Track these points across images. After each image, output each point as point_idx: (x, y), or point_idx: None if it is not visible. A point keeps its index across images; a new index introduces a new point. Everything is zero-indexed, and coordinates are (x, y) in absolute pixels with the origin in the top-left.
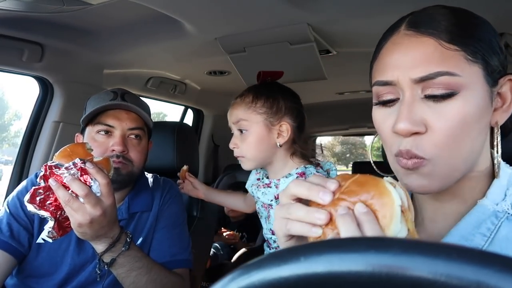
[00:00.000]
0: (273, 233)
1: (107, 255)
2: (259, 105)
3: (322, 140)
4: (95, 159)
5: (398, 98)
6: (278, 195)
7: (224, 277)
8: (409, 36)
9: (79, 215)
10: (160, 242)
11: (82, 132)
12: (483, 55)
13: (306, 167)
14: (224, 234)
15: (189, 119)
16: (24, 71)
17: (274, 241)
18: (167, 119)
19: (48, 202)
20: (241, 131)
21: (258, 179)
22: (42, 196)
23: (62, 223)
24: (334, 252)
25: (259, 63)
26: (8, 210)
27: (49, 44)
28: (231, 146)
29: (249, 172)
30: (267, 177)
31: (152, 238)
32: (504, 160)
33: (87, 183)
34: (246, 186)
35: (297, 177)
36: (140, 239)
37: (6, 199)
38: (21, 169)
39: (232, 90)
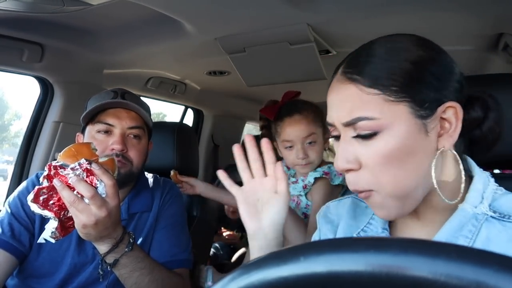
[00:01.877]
0: (305, 216)
1: (110, 256)
2: (318, 119)
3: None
4: (100, 160)
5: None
6: (305, 185)
7: (224, 277)
8: (339, 82)
9: (84, 216)
10: (160, 242)
11: (83, 131)
12: (407, 93)
13: (329, 167)
14: (224, 234)
15: (189, 119)
16: (24, 71)
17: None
18: (167, 119)
19: (51, 202)
20: (309, 143)
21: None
22: (46, 196)
23: (65, 223)
24: (334, 252)
25: (259, 63)
26: (9, 210)
27: (49, 44)
28: (302, 156)
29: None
30: (293, 176)
31: (152, 238)
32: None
33: (93, 184)
34: None
35: (322, 174)
36: (140, 239)
37: (7, 200)
38: (21, 169)
39: (232, 90)
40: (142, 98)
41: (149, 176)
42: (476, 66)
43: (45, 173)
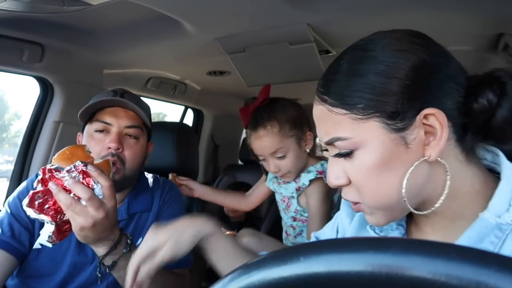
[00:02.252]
0: (294, 219)
1: (108, 258)
2: (287, 129)
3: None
4: (95, 162)
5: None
6: (299, 187)
7: (224, 277)
8: (315, 101)
9: (82, 218)
10: None
11: (83, 131)
12: (374, 108)
13: (322, 164)
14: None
15: (189, 119)
16: (24, 71)
17: (294, 228)
18: (167, 119)
19: (46, 206)
20: (279, 157)
21: (276, 177)
22: (41, 200)
23: (61, 227)
24: (334, 252)
25: (259, 63)
26: (9, 211)
27: (49, 44)
28: (274, 171)
29: (249, 171)
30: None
31: None
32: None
33: (90, 185)
34: (267, 184)
35: (317, 174)
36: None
37: (7, 200)
38: (21, 169)
39: (232, 90)
40: (142, 98)
41: (149, 176)
42: (476, 66)
43: (40, 177)
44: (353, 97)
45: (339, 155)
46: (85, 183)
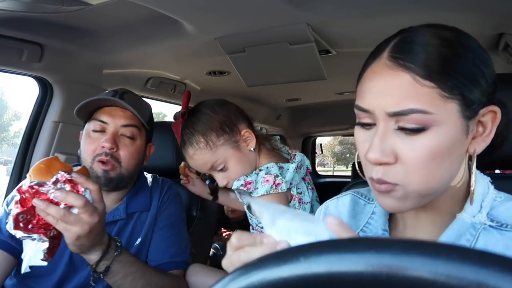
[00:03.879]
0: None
1: (102, 264)
2: (214, 139)
3: (322, 140)
4: (74, 170)
5: (375, 124)
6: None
7: (224, 277)
8: (388, 67)
9: (78, 227)
10: (158, 243)
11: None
12: (461, 90)
13: (268, 167)
14: (224, 234)
15: None
16: (24, 71)
17: (257, 224)
18: (167, 119)
19: (30, 226)
20: (220, 169)
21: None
22: (25, 221)
23: (51, 243)
24: (334, 252)
25: (258, 63)
26: (7, 210)
27: (49, 44)
28: (223, 184)
29: None
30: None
31: (151, 239)
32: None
33: (80, 192)
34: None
35: (239, 186)
36: (139, 240)
37: (5, 199)
38: (20, 169)
39: (232, 90)
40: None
41: (148, 176)
42: None
43: (17, 198)
44: (446, 74)
45: (405, 129)
46: (75, 191)
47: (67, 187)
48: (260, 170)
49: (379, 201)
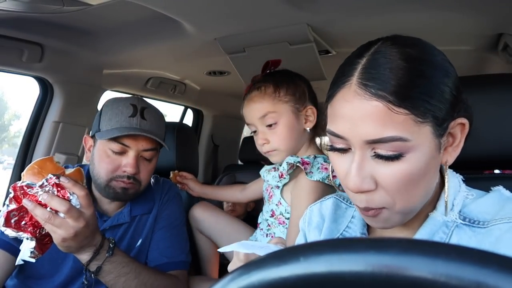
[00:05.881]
0: (272, 215)
1: (93, 264)
2: (282, 93)
3: (322, 140)
4: (67, 172)
5: (350, 148)
6: (281, 173)
7: (224, 277)
8: (360, 96)
9: (63, 230)
10: (157, 243)
11: (92, 137)
12: (433, 113)
13: (316, 157)
14: None
15: (189, 119)
16: (24, 71)
17: (268, 224)
18: (167, 119)
19: (23, 222)
20: (269, 125)
21: (274, 167)
22: (17, 218)
23: (41, 240)
24: (334, 252)
25: (258, 64)
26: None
27: (49, 44)
28: (261, 142)
29: (249, 171)
30: (281, 164)
31: (150, 239)
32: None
33: (66, 197)
34: (260, 172)
35: (296, 162)
36: (140, 241)
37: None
38: (21, 169)
39: (231, 91)
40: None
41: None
42: (476, 66)
43: (11, 195)
44: (417, 100)
45: (381, 157)
46: (60, 196)
47: (54, 190)
48: (316, 156)
49: (367, 221)
